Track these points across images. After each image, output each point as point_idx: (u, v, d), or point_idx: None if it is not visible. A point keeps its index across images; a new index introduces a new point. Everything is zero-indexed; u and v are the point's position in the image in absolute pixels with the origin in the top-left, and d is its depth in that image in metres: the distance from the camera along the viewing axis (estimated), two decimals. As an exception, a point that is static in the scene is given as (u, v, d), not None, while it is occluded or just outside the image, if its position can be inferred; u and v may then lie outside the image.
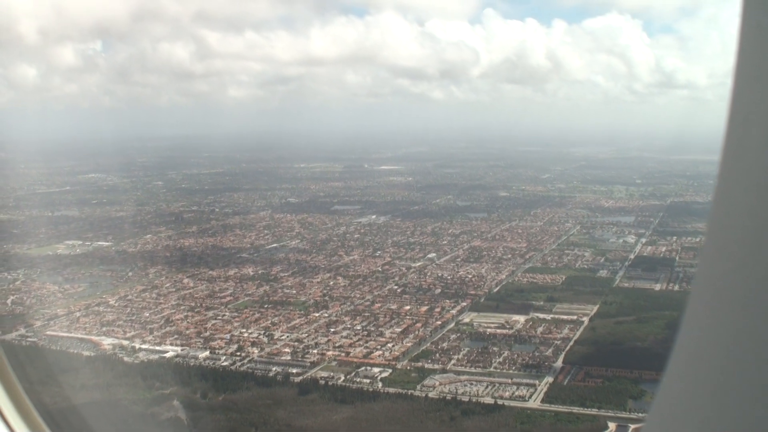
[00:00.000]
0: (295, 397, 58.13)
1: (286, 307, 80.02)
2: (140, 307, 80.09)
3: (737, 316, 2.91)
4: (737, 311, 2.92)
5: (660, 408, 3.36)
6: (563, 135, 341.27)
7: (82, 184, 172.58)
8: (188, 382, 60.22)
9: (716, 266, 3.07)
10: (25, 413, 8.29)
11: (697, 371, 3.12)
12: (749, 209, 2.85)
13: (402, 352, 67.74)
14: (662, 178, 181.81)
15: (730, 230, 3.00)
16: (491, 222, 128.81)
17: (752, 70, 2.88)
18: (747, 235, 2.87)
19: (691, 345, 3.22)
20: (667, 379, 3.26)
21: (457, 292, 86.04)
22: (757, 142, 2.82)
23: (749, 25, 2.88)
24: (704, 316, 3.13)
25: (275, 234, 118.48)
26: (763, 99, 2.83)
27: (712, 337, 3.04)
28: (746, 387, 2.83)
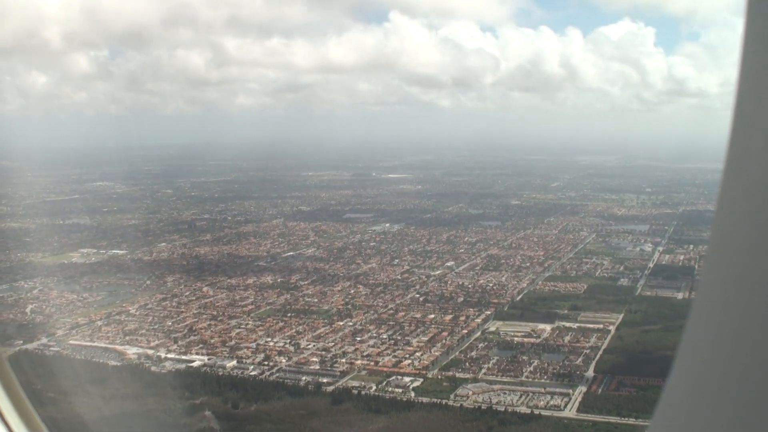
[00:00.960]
0: (329, 407, 57.28)
1: (309, 316, 79.17)
2: (162, 316, 79.22)
3: (741, 319, 2.87)
4: (741, 315, 2.88)
5: (664, 412, 3.35)
6: (568, 144, 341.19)
7: (90, 192, 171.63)
8: (218, 392, 59.34)
9: (720, 271, 3.07)
10: (30, 422, 7.95)
11: (701, 375, 3.09)
12: (753, 214, 2.83)
13: (431, 362, 66.91)
14: (671, 186, 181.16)
15: (734, 235, 2.97)
16: (506, 230, 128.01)
17: (756, 74, 2.85)
18: (751, 240, 2.85)
19: (695, 349, 3.21)
20: (672, 382, 3.24)
21: (479, 300, 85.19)
22: (761, 147, 2.79)
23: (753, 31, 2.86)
24: (708, 320, 3.12)
25: (290, 242, 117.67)
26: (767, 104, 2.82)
27: (716, 341, 3.02)
28: (750, 390, 2.79)
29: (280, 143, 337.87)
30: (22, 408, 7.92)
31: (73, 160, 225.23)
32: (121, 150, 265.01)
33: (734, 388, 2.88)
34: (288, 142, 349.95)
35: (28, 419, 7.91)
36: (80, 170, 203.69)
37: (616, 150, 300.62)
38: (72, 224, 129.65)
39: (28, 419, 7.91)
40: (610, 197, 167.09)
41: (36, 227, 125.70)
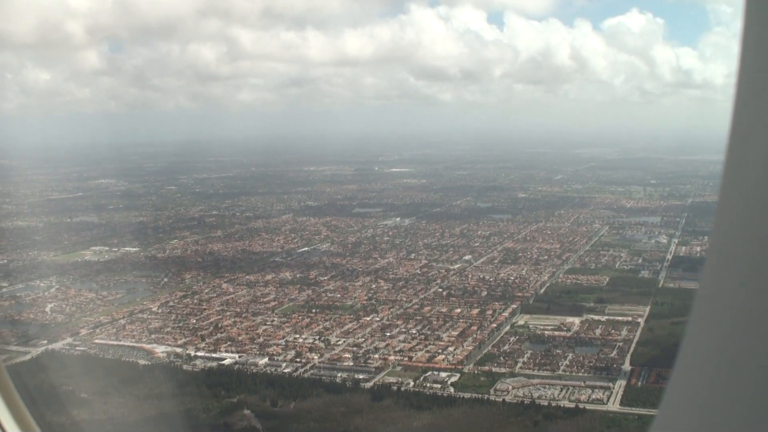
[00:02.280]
0: (370, 403, 56.19)
1: (335, 312, 78.05)
2: (185, 314, 78.00)
3: (743, 316, 2.89)
4: (743, 311, 2.89)
5: (668, 408, 3.36)
6: (567, 137, 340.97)
7: (93, 189, 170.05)
8: (254, 390, 58.19)
9: (722, 267, 3.08)
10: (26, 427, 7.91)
11: (704, 371, 3.10)
12: (753, 214, 2.83)
13: (465, 356, 65.87)
14: (676, 178, 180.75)
15: (735, 234, 2.98)
16: (517, 223, 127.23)
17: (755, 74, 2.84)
18: (751, 237, 2.86)
19: (697, 345, 3.21)
20: (675, 379, 3.26)
21: (503, 294, 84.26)
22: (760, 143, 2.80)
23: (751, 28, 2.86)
24: (710, 317, 3.12)
25: (303, 237, 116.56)
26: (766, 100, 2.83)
27: (719, 338, 3.03)
28: (752, 386, 2.83)
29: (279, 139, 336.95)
30: (19, 413, 7.80)
31: (72, 158, 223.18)
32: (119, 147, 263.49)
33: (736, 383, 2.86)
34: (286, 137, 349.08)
35: (25, 424, 7.82)
36: (80, 168, 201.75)
37: (615, 143, 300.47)
38: (80, 222, 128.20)
39: (25, 424, 7.82)
40: (617, 189, 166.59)
41: (44, 226, 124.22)
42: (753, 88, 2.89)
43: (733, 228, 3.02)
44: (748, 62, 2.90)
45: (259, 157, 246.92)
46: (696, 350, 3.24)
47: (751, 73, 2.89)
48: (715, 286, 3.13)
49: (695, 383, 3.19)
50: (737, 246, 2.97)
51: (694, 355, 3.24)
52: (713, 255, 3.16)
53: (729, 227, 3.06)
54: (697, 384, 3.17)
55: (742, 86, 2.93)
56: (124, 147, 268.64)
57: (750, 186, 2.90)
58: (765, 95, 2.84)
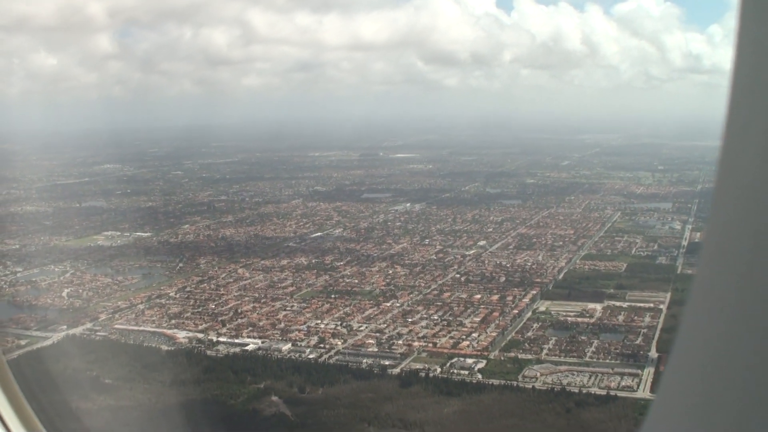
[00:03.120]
0: (398, 390, 55.66)
1: (354, 297, 77.44)
2: (203, 299, 77.39)
3: (736, 315, 2.90)
4: (736, 310, 2.90)
5: (660, 407, 3.38)
6: (569, 122, 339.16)
7: (99, 174, 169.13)
8: (280, 376, 57.62)
9: (715, 266, 3.09)
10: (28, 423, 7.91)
11: (696, 370, 3.13)
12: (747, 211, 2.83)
13: (489, 342, 65.35)
14: (683, 164, 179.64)
15: (729, 231, 2.99)
16: (529, 209, 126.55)
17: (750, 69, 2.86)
18: (745, 236, 2.87)
19: (690, 344, 3.23)
20: (667, 377, 3.33)
21: (522, 280, 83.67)
22: (755, 142, 2.83)
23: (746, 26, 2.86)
24: (703, 316, 3.14)
25: (315, 222, 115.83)
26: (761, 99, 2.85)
27: (712, 336, 3.05)
28: (745, 385, 2.84)
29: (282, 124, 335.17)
30: (21, 409, 7.78)
31: (76, 143, 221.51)
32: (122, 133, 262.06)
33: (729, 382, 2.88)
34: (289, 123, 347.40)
35: (27, 420, 7.77)
36: (84, 153, 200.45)
37: (618, 128, 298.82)
38: (89, 207, 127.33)
39: (27, 420, 7.77)
40: (625, 175, 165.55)
41: (53, 211, 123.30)
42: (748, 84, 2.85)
43: (728, 223, 2.99)
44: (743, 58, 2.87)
45: (263, 143, 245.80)
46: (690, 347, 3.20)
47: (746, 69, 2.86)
48: (710, 282, 3.11)
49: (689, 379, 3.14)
50: (732, 242, 2.93)
51: (689, 352, 3.21)
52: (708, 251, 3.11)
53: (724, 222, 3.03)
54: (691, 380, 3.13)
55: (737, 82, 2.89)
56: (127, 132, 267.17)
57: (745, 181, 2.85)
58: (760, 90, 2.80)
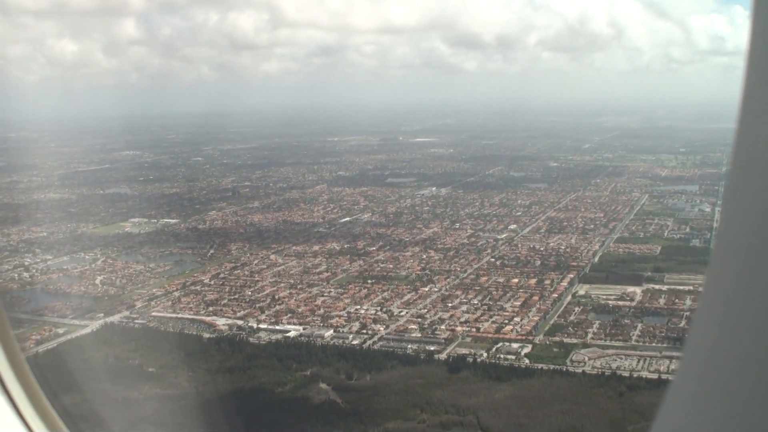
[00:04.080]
0: (447, 375, 54.86)
1: (390, 282, 76.62)
2: (238, 285, 76.71)
3: (748, 315, 2.88)
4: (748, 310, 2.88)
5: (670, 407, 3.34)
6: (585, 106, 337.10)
7: (120, 161, 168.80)
8: (326, 363, 56.86)
9: (727, 265, 3.05)
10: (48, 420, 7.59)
11: (708, 370, 3.09)
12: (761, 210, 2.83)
13: (532, 327, 64.46)
14: (705, 146, 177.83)
15: (742, 230, 2.96)
16: (555, 192, 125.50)
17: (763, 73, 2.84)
18: (758, 235, 2.85)
19: (702, 344, 3.19)
20: (678, 377, 3.24)
21: (558, 263, 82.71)
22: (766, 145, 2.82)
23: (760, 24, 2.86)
24: (715, 315, 3.10)
25: (342, 208, 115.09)
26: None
27: (723, 336, 3.01)
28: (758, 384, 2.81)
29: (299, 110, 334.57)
30: (41, 405, 7.55)
31: (93, 130, 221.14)
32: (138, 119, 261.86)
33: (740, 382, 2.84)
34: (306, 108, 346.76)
35: (47, 417, 7.54)
36: (103, 140, 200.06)
37: (635, 111, 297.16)
38: (113, 194, 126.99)
39: (47, 417, 7.54)
40: (648, 158, 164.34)
41: (77, 198, 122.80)
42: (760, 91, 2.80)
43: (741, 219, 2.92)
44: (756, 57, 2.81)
45: (281, 128, 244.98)
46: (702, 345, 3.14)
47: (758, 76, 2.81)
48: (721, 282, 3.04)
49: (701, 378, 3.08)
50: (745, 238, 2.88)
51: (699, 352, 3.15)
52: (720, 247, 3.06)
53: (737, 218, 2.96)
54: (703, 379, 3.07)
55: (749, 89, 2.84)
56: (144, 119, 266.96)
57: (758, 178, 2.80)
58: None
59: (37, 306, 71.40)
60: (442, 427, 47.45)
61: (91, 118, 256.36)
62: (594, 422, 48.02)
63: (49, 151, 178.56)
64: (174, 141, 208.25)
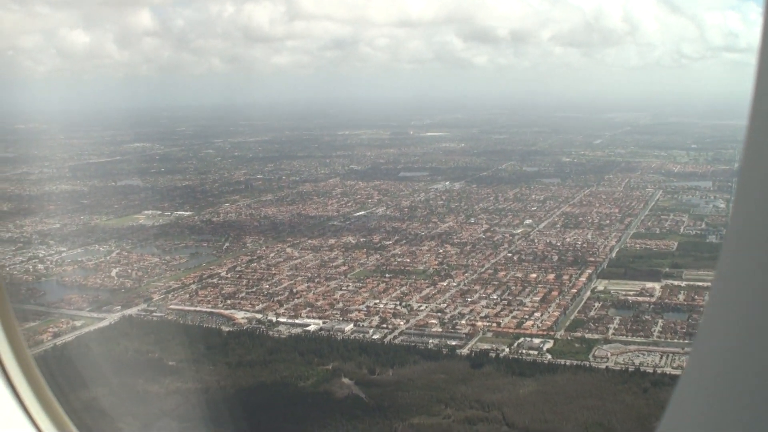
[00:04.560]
0: (470, 370, 54.44)
1: (408, 276, 76.24)
2: (255, 278, 76.37)
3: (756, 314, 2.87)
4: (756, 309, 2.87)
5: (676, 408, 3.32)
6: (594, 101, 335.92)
7: (131, 153, 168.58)
8: (347, 357, 56.51)
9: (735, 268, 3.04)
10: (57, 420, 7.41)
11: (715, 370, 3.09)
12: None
13: (553, 322, 64.04)
14: (716, 143, 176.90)
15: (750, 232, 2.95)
16: (569, 188, 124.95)
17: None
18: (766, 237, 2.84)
19: (709, 343, 3.18)
20: (685, 378, 3.25)
21: (575, 259, 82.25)
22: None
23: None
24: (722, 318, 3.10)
25: (356, 201, 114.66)
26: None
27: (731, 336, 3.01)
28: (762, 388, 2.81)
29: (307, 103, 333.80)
30: (47, 401, 7.38)
31: (103, 122, 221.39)
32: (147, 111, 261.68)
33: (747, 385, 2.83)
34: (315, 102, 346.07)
35: (55, 416, 7.38)
36: (112, 132, 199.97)
37: (643, 107, 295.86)
38: (125, 186, 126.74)
39: (55, 416, 7.38)
40: (660, 154, 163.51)
41: (89, 190, 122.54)
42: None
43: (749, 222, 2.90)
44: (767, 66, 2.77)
45: (291, 122, 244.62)
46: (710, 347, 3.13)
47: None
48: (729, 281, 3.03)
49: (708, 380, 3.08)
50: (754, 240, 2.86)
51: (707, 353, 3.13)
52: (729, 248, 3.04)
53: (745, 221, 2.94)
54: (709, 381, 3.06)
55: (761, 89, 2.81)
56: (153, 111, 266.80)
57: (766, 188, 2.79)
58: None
59: (53, 298, 71.10)
60: (468, 423, 46.98)
61: (100, 110, 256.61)
62: (620, 419, 47.58)
63: (59, 142, 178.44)
64: (184, 133, 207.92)
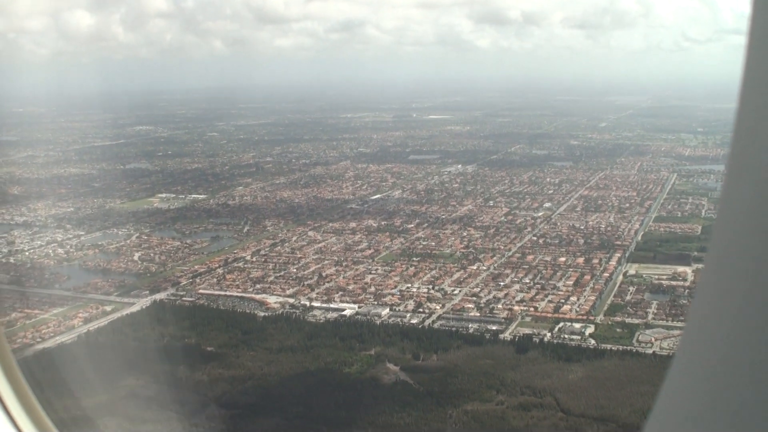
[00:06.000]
0: (515, 355, 53.51)
1: (436, 260, 75.17)
2: (281, 262, 75.14)
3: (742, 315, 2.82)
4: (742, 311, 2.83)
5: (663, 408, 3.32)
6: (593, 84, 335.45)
7: (134, 136, 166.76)
8: (389, 342, 55.43)
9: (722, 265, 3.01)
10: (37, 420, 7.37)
11: (700, 371, 3.06)
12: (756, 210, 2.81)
13: (590, 306, 63.17)
14: (722, 126, 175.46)
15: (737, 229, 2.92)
16: (582, 171, 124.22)
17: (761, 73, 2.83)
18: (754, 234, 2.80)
19: (695, 344, 3.17)
20: (671, 378, 3.19)
21: (602, 242, 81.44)
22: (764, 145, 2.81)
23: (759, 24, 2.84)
24: (709, 316, 3.06)
25: (371, 184, 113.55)
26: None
27: (717, 337, 2.97)
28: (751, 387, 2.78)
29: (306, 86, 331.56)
30: (30, 406, 7.35)
31: (101, 105, 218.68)
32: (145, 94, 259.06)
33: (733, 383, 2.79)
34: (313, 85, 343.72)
35: (36, 418, 7.35)
36: (112, 115, 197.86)
37: (643, 90, 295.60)
38: (134, 169, 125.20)
39: (36, 418, 7.35)
40: (668, 137, 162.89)
41: (98, 173, 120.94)
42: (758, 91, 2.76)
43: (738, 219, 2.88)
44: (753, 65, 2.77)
45: (291, 105, 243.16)
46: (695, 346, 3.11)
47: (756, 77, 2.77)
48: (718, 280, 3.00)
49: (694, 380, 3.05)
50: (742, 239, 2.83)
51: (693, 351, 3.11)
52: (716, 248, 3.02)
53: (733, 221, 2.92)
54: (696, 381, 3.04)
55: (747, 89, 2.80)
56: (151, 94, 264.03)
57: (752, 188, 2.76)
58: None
59: (78, 283, 69.73)
60: (522, 409, 46.09)
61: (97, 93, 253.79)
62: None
63: (60, 125, 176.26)
64: (185, 116, 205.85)
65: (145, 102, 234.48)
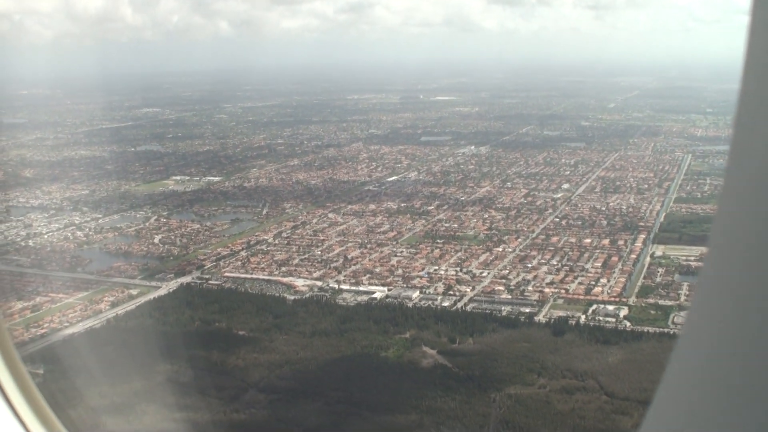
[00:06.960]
0: (552, 338, 52.91)
1: (460, 242, 74.46)
2: (304, 245, 74.38)
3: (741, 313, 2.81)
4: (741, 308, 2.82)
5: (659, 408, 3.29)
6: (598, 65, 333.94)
7: (142, 118, 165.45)
8: (423, 325, 54.79)
9: (721, 265, 3.00)
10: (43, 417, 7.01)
11: (698, 371, 3.05)
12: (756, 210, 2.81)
13: (621, 288, 62.58)
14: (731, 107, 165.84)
15: (736, 229, 2.92)
16: (597, 152, 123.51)
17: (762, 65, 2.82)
18: (753, 234, 2.79)
19: (693, 344, 3.15)
20: (668, 378, 3.19)
21: (625, 224, 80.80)
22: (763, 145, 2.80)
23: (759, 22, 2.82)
24: (709, 313, 3.05)
25: (386, 166, 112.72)
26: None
27: (716, 337, 2.97)
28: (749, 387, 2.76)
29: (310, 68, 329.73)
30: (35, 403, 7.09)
31: (106, 87, 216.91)
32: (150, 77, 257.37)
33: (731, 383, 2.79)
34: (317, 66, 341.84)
35: (42, 414, 7.09)
36: (118, 97, 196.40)
37: (648, 71, 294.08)
38: (145, 151, 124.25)
39: (42, 414, 7.09)
40: (678, 118, 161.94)
41: (109, 155, 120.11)
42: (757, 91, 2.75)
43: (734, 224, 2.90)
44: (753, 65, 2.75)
45: (296, 86, 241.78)
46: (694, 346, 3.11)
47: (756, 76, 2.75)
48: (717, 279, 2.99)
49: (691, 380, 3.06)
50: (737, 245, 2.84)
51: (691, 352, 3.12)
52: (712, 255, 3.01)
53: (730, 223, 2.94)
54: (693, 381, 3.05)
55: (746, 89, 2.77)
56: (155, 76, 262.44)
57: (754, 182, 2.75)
58: None
59: (101, 266, 68.97)
60: (565, 393, 45.47)
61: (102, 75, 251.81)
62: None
63: (66, 108, 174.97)
64: (191, 98, 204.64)
65: (151, 84, 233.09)
